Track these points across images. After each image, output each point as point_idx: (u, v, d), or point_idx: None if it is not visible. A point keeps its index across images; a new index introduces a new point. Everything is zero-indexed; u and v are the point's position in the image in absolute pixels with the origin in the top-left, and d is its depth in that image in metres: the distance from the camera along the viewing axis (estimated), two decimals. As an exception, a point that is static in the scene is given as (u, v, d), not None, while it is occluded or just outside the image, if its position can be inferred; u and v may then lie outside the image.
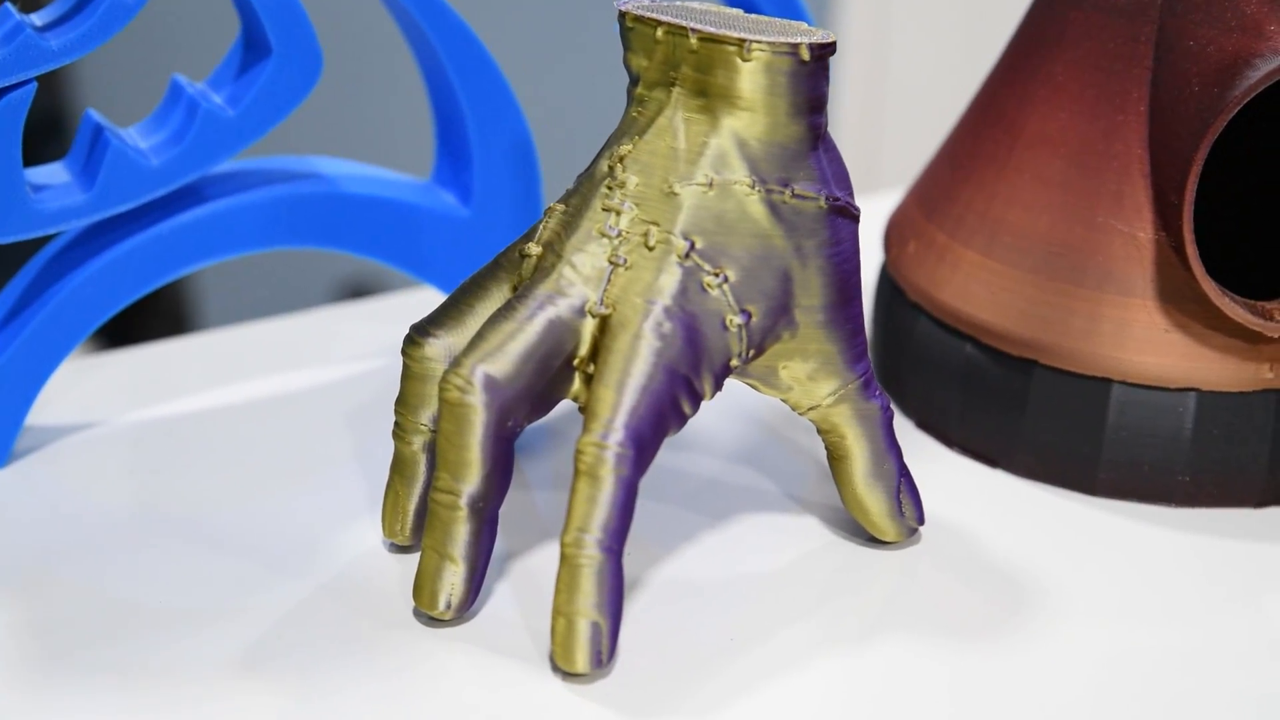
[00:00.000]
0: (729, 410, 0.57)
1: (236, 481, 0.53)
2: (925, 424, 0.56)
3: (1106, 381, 0.51)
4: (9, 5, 0.51)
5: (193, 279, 1.59)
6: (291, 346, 0.63)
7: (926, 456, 0.55)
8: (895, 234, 0.58)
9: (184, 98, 0.54)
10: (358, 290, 1.69)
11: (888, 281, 0.58)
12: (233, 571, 0.49)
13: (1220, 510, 0.52)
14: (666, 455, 0.55)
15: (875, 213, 0.67)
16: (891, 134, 1.52)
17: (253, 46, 0.55)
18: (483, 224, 0.59)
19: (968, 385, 0.54)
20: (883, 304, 0.58)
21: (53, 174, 0.54)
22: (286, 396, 0.58)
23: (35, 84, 0.50)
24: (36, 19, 0.52)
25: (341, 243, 0.57)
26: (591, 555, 0.43)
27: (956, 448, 0.55)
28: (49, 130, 1.39)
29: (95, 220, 0.53)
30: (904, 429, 0.57)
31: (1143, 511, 0.53)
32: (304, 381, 0.60)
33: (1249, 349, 0.50)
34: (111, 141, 0.52)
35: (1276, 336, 0.50)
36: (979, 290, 0.53)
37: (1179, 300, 0.51)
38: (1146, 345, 0.51)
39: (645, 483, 0.53)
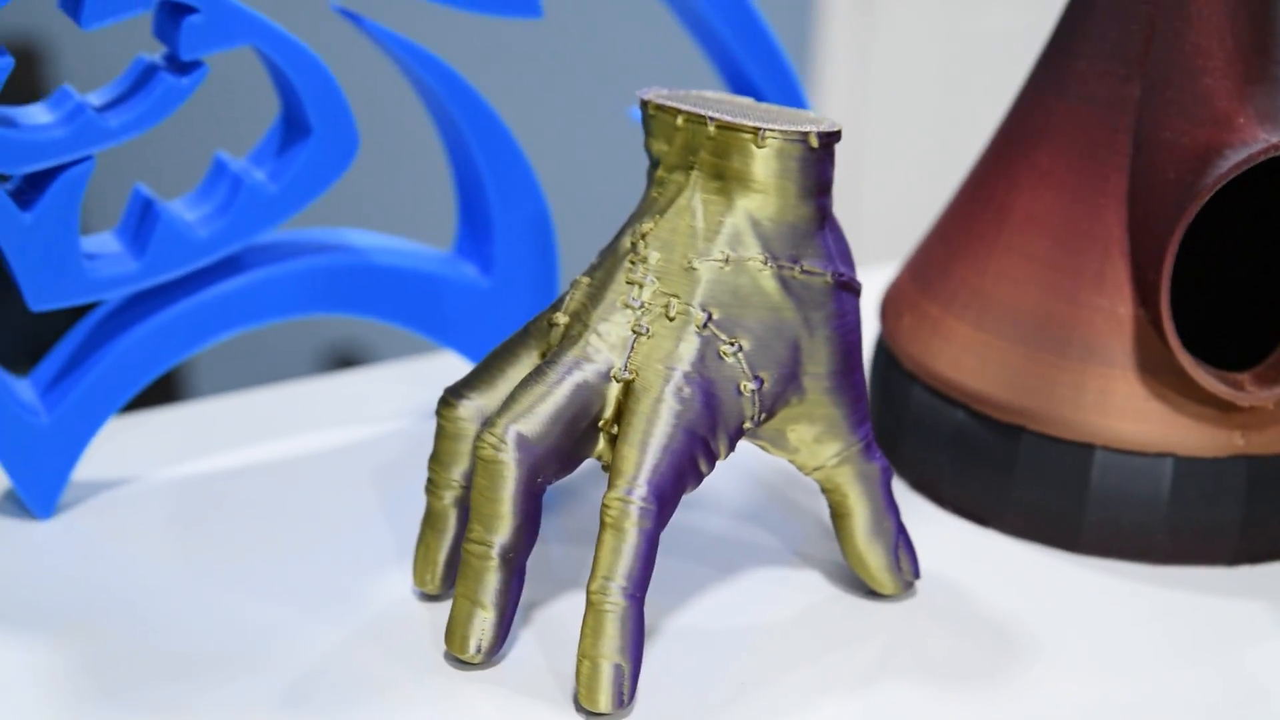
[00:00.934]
0: (736, 472, 0.61)
1: (272, 534, 0.57)
2: (919, 485, 0.60)
3: (1089, 447, 0.55)
4: (68, 86, 0.55)
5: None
6: (328, 406, 0.66)
7: (920, 517, 0.59)
8: (891, 307, 0.62)
9: (228, 174, 0.58)
10: (383, 355, 1.72)
11: (884, 351, 0.62)
12: (269, 619, 0.52)
13: (1197, 568, 0.56)
14: (679, 513, 0.58)
15: (866, 286, 0.71)
16: (870, 211, 1.58)
17: (293, 126, 0.58)
18: (503, 294, 0.63)
19: (959, 449, 0.58)
20: (879, 372, 0.62)
21: (103, 244, 0.57)
22: (321, 454, 0.62)
23: (94, 160, 0.54)
24: (94, 99, 0.55)
25: (371, 310, 0.61)
26: (616, 602, 0.46)
27: (949, 508, 0.59)
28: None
29: (145, 287, 0.57)
30: (899, 490, 0.60)
31: (1124, 569, 0.56)
32: (338, 440, 0.63)
33: (1222, 417, 0.54)
34: (162, 215, 0.56)
35: (1246, 405, 0.54)
36: (970, 361, 0.57)
37: (1157, 371, 0.54)
38: (1127, 413, 0.55)
39: (660, 539, 0.57)
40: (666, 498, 0.47)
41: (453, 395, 0.51)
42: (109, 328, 0.58)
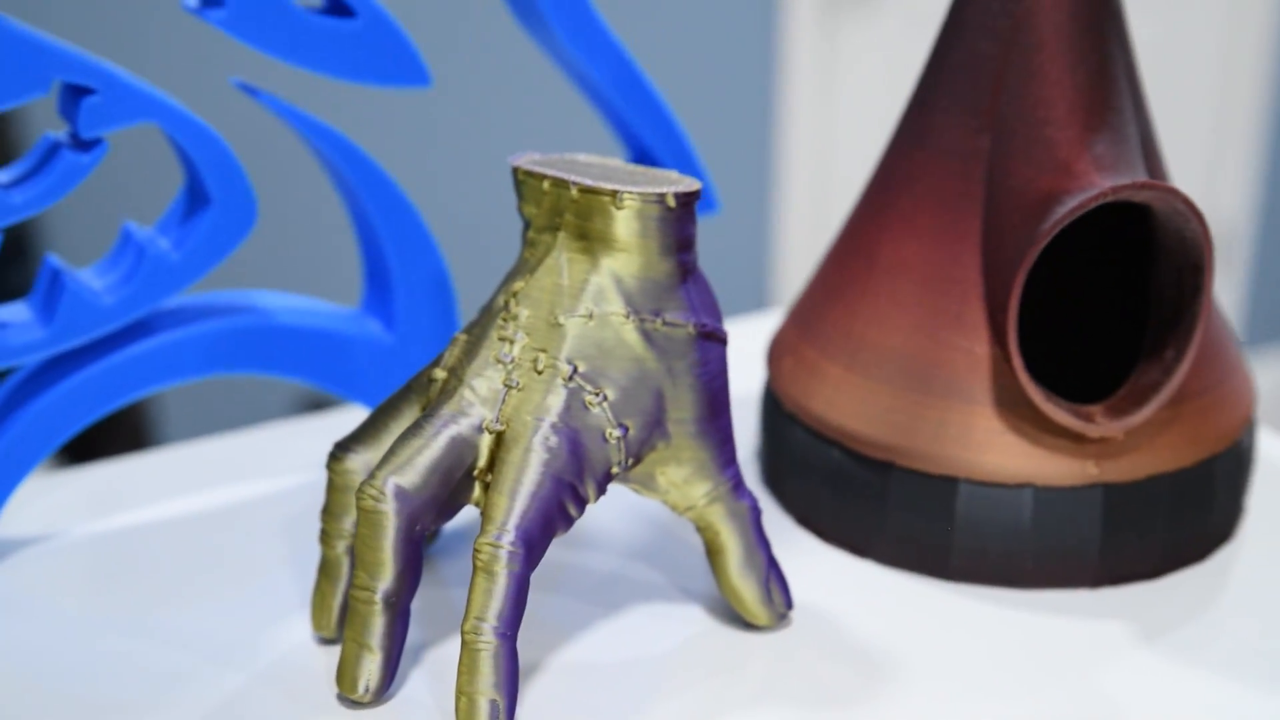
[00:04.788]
0: (626, 511, 0.63)
1: (181, 587, 0.59)
2: (803, 520, 0.63)
3: (954, 480, 0.58)
4: (-23, 165, 0.58)
5: (155, 396, 1.66)
6: (241, 461, 0.69)
7: (804, 549, 0.62)
8: (775, 352, 0.65)
9: (133, 243, 0.61)
10: (315, 405, 1.76)
11: (770, 395, 0.65)
12: (172, 666, 0.55)
13: (1061, 591, 0.59)
14: (569, 553, 0.61)
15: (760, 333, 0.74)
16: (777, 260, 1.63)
17: (195, 196, 0.61)
18: (405, 349, 0.66)
19: (836, 485, 0.61)
20: (766, 414, 0.65)
21: (15, 313, 0.60)
22: (233, 507, 0.65)
23: (2, 234, 0.57)
24: (3, 176, 0.58)
25: (277, 368, 0.64)
26: (488, 641, 0.49)
27: (830, 541, 0.62)
28: (13, 261, 1.46)
29: (54, 353, 0.60)
30: (785, 525, 0.63)
31: (992, 594, 0.59)
32: (246, 494, 0.66)
33: (1075, 447, 0.57)
34: (68, 284, 0.59)
35: (1096, 436, 0.57)
36: (844, 401, 0.60)
37: (1013, 406, 0.57)
38: (987, 446, 0.58)
39: (549, 577, 0.60)
40: (534, 541, 0.50)
41: (340, 450, 0.54)
42: (23, 393, 0.61)
